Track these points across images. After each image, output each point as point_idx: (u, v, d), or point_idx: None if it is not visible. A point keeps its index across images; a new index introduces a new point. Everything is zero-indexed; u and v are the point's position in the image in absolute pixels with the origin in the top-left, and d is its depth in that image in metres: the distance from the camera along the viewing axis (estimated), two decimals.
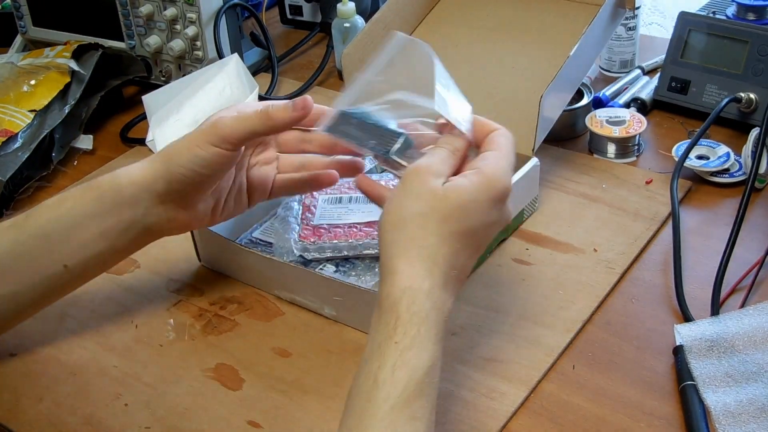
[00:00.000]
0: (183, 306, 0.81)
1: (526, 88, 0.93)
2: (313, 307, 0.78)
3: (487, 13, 1.04)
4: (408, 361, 0.54)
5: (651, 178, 0.92)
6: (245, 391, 0.71)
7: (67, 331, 0.79)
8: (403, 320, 0.56)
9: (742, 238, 0.78)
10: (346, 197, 0.84)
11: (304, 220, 0.82)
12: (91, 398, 0.72)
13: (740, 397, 0.66)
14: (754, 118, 0.96)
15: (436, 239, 0.58)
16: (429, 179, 0.60)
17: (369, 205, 0.81)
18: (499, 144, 0.63)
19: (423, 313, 0.56)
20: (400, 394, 0.53)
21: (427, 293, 0.57)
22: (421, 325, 0.56)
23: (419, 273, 0.57)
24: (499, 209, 0.62)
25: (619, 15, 0.98)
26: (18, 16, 1.29)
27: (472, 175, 0.60)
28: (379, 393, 0.54)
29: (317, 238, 0.80)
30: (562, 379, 0.70)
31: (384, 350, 0.55)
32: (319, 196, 0.84)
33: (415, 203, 0.59)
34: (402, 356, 0.55)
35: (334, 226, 0.81)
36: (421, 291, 0.57)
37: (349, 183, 0.85)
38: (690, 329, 0.72)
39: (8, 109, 1.06)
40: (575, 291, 0.78)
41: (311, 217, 0.82)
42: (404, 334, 0.55)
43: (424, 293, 0.57)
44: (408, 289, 0.57)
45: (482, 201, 0.60)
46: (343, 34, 1.17)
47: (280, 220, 0.83)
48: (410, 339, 0.55)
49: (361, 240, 0.79)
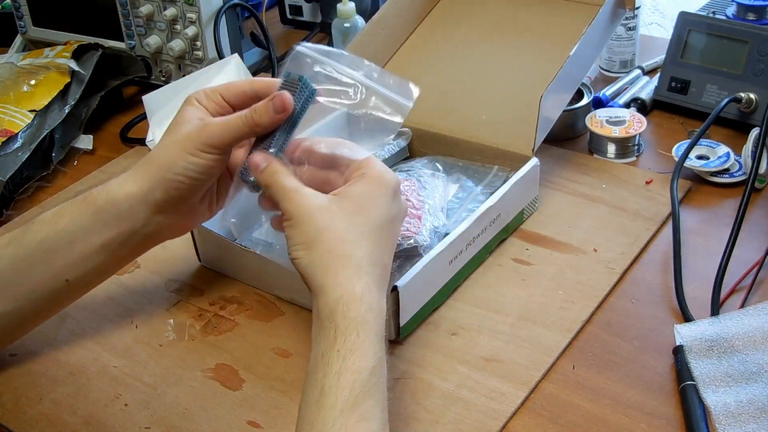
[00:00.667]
0: (183, 306, 0.81)
1: (526, 88, 0.93)
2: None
3: (487, 13, 1.04)
4: (351, 365, 0.56)
5: (651, 178, 0.92)
6: (245, 391, 0.71)
7: (67, 331, 0.80)
8: (342, 328, 0.57)
9: (742, 238, 0.78)
10: None
11: None
12: (91, 398, 0.72)
13: (740, 397, 0.66)
14: (754, 118, 0.96)
15: (350, 245, 0.60)
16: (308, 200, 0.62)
17: None
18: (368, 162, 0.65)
19: (360, 318, 0.58)
20: (347, 398, 0.55)
21: (360, 297, 0.59)
22: (359, 329, 0.57)
23: (347, 280, 0.59)
24: (398, 200, 0.64)
25: (619, 15, 0.98)
26: (18, 16, 1.29)
27: (357, 180, 0.63)
28: (326, 400, 0.55)
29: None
30: (562, 379, 0.70)
31: (327, 359, 0.57)
32: None
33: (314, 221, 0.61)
34: (345, 362, 0.56)
35: None
36: (353, 296, 0.58)
37: None
38: (690, 329, 0.72)
39: (8, 109, 1.06)
40: (575, 291, 0.78)
41: None
42: (344, 341, 0.57)
43: (357, 298, 0.58)
44: (340, 298, 0.58)
45: (378, 195, 0.62)
46: (343, 34, 1.17)
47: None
48: (351, 344, 0.57)
49: None
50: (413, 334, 0.75)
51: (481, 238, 0.81)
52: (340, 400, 0.55)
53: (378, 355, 0.58)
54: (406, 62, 1.02)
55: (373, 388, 0.56)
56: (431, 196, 0.84)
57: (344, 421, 0.54)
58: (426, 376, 0.71)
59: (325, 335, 0.58)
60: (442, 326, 0.76)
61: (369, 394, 0.56)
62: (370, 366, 0.56)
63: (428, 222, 0.80)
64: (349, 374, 0.56)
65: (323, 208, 0.61)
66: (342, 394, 0.55)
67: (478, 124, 0.92)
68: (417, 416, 0.67)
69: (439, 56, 1.01)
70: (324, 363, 0.57)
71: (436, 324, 0.76)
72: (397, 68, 1.01)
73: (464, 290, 0.80)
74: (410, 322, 0.74)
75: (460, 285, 0.80)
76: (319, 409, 0.55)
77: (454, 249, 0.77)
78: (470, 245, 0.79)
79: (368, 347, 0.57)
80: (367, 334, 0.58)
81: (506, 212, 0.84)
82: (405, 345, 0.74)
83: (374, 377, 0.57)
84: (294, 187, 0.63)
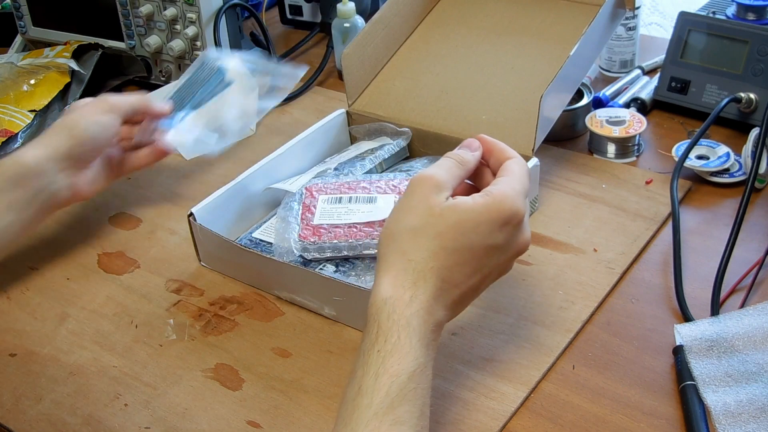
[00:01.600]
0: (183, 306, 0.81)
1: (526, 88, 0.93)
2: (313, 307, 0.78)
3: (487, 13, 1.04)
4: (389, 367, 0.55)
5: (651, 178, 0.92)
6: (245, 391, 0.71)
7: (67, 331, 0.80)
8: (384, 329, 0.57)
9: (742, 238, 0.78)
10: (346, 197, 0.84)
11: (304, 219, 0.82)
12: (91, 398, 0.72)
13: (740, 396, 0.66)
14: (754, 118, 0.96)
15: (425, 254, 0.59)
16: (430, 193, 0.61)
17: (369, 205, 0.82)
18: (512, 170, 0.64)
19: (403, 321, 0.57)
20: (383, 400, 0.54)
21: (407, 302, 0.58)
22: (401, 332, 0.57)
23: (402, 284, 0.59)
24: (507, 232, 0.62)
25: (619, 15, 0.98)
26: (18, 16, 1.29)
27: (478, 197, 0.61)
28: (362, 400, 0.55)
29: (317, 237, 0.80)
30: (562, 379, 0.70)
31: (367, 358, 0.56)
32: (319, 196, 0.84)
33: (410, 217, 0.60)
34: (384, 363, 0.56)
35: (334, 226, 0.81)
36: (401, 300, 0.58)
37: (349, 183, 0.85)
38: (690, 329, 0.72)
39: (8, 109, 1.06)
40: (575, 291, 0.78)
41: (311, 216, 0.82)
42: (385, 342, 0.57)
43: (404, 302, 0.58)
44: (389, 298, 0.58)
45: (484, 222, 0.60)
46: (343, 34, 1.17)
47: (280, 220, 0.83)
48: (391, 345, 0.56)
49: (361, 240, 0.79)
50: None
51: None
52: (376, 401, 0.54)
53: (419, 361, 0.57)
54: (406, 62, 1.02)
55: (410, 393, 0.55)
56: None
57: (378, 423, 0.53)
58: None
59: (368, 333, 0.58)
60: None
61: (406, 399, 0.55)
62: (409, 370, 0.56)
63: None
64: (386, 376, 0.55)
65: (427, 210, 0.60)
66: (378, 396, 0.54)
67: (478, 124, 0.92)
68: None
69: (439, 56, 1.01)
70: (364, 362, 0.56)
71: None
72: (397, 68, 1.01)
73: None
74: None
75: None
76: (355, 408, 0.55)
77: None
78: None
79: (409, 351, 0.56)
80: (409, 339, 0.57)
81: None
82: None
83: (413, 382, 0.56)
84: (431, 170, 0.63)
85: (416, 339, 0.57)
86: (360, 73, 0.99)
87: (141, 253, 0.89)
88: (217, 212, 0.85)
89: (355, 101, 0.99)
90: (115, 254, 0.89)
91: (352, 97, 0.99)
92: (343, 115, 0.99)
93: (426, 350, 0.58)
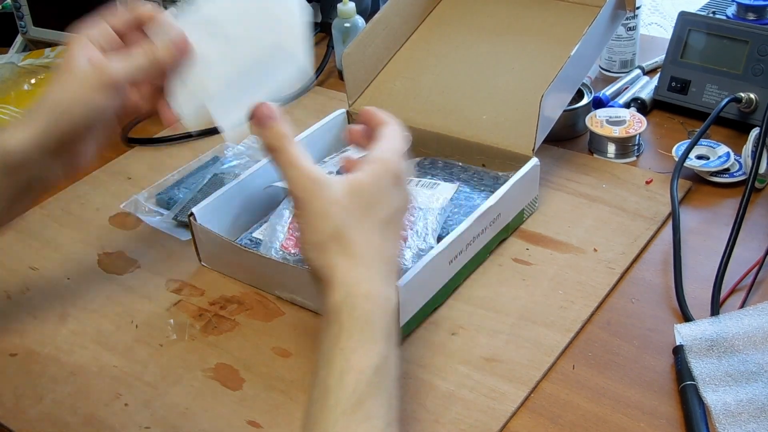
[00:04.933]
0: (183, 306, 0.81)
1: (526, 88, 0.93)
2: (313, 307, 0.78)
3: (487, 13, 1.05)
4: (354, 364, 0.56)
5: (651, 178, 0.92)
6: (245, 391, 0.72)
7: (67, 331, 0.80)
8: (346, 327, 0.57)
9: (742, 238, 0.78)
10: None
11: (291, 229, 0.81)
12: (91, 398, 0.72)
13: (740, 396, 0.66)
14: (754, 118, 0.96)
15: (361, 246, 0.60)
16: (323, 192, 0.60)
17: None
18: (386, 135, 0.65)
19: (365, 316, 0.57)
20: (350, 397, 0.54)
21: (365, 296, 0.58)
22: (363, 328, 0.57)
23: (355, 280, 0.59)
24: (400, 191, 0.63)
25: (619, 16, 0.98)
26: (18, 16, 1.29)
27: (365, 165, 0.62)
28: (329, 400, 0.55)
29: (298, 249, 0.79)
30: (562, 379, 0.70)
31: (330, 358, 0.56)
32: None
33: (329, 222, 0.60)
34: (348, 361, 0.56)
35: None
36: (359, 296, 0.58)
37: None
38: (690, 329, 0.72)
39: (8, 109, 1.06)
40: (575, 291, 0.78)
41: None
42: (348, 339, 0.57)
43: (362, 297, 0.58)
44: (347, 297, 0.58)
45: (383, 186, 0.62)
46: (344, 34, 1.17)
47: (269, 225, 0.83)
48: (354, 342, 0.56)
49: None
50: (413, 334, 0.75)
51: (481, 238, 0.81)
52: (343, 399, 0.54)
53: (383, 353, 0.57)
54: (407, 62, 1.02)
55: (377, 386, 0.56)
56: (425, 216, 0.81)
57: (347, 421, 0.54)
58: (426, 375, 0.71)
59: (329, 333, 0.58)
60: (442, 326, 0.76)
61: (373, 393, 0.55)
62: (374, 364, 0.56)
63: (414, 245, 0.79)
64: (352, 373, 0.55)
65: (338, 205, 0.60)
66: (345, 394, 0.54)
67: (478, 124, 0.92)
68: (417, 416, 0.67)
69: (440, 56, 1.01)
70: (327, 361, 0.56)
71: (436, 324, 0.76)
72: (398, 68, 1.01)
73: (464, 290, 0.80)
74: (410, 321, 0.74)
75: (460, 285, 0.80)
76: (323, 408, 0.55)
77: (454, 249, 0.77)
78: (470, 245, 0.79)
79: (372, 346, 0.57)
80: (373, 332, 0.57)
81: (506, 212, 0.84)
82: (405, 345, 0.74)
83: (378, 376, 0.56)
84: (304, 167, 0.61)
85: (378, 331, 0.58)
86: (360, 73, 0.99)
87: (141, 252, 0.89)
88: (217, 212, 0.85)
89: (355, 101, 0.99)
90: (116, 254, 0.89)
91: (353, 97, 0.99)
92: (344, 115, 0.99)
93: (388, 341, 0.58)
